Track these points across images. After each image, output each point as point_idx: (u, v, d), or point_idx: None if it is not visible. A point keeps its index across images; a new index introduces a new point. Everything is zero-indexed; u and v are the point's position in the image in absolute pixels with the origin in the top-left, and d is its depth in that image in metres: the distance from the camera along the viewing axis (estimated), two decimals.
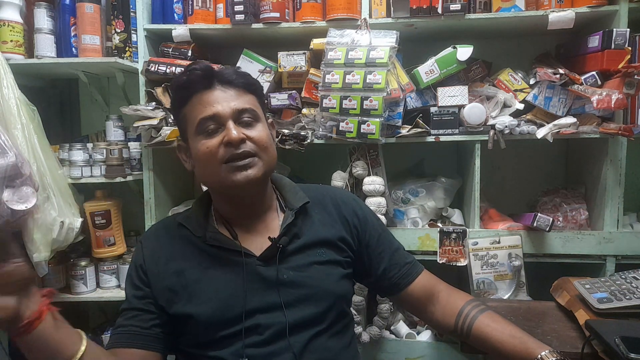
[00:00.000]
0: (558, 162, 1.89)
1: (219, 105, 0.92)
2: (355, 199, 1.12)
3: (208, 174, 0.94)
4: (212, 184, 0.98)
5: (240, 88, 0.95)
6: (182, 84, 0.95)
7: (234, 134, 0.90)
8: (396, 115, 1.54)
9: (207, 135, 0.92)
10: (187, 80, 0.94)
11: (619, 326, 0.96)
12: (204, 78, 0.93)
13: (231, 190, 0.94)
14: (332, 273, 0.99)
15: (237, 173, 0.91)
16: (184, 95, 0.95)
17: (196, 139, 0.93)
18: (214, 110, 0.91)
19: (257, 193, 0.99)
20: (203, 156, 0.92)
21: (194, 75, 0.94)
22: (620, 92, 1.39)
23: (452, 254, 1.56)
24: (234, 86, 0.94)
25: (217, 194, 1.01)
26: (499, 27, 1.67)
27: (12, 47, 1.66)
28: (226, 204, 1.00)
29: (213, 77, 0.94)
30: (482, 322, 0.97)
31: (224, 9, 1.66)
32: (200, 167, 0.95)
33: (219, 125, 0.92)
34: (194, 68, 0.94)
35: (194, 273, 0.94)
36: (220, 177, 0.92)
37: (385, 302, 1.60)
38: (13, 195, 1.40)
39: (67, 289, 1.79)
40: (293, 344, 0.91)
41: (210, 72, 0.94)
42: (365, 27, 1.55)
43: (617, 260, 1.51)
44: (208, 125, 0.92)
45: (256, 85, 1.01)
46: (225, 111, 0.91)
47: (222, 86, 0.94)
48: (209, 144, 0.91)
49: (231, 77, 0.95)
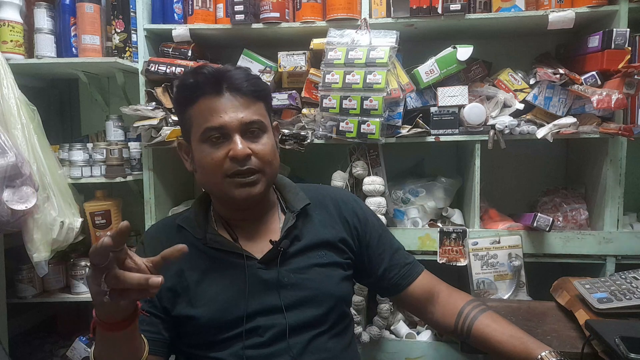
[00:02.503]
0: (558, 162, 1.89)
1: (227, 116, 0.89)
2: (356, 200, 1.12)
3: (210, 183, 0.94)
4: (213, 192, 0.98)
5: (249, 96, 0.92)
6: (189, 85, 0.92)
7: (239, 150, 0.88)
8: (396, 115, 1.54)
9: (212, 145, 0.90)
10: (194, 82, 0.92)
11: (619, 326, 0.96)
12: (212, 83, 0.90)
13: (231, 201, 0.94)
14: (332, 275, 0.99)
15: (240, 189, 0.91)
16: (190, 97, 0.92)
17: (201, 146, 0.91)
18: (221, 122, 0.89)
19: (257, 201, 0.98)
20: (207, 165, 0.91)
21: (202, 78, 0.91)
22: (620, 92, 1.39)
23: (452, 254, 1.56)
24: (243, 94, 0.91)
25: (217, 198, 1.00)
26: (499, 27, 1.67)
27: (12, 47, 1.66)
28: (226, 208, 1.00)
29: (222, 82, 0.91)
30: (482, 322, 0.97)
31: (224, 9, 1.66)
32: (203, 175, 0.94)
33: (225, 136, 0.90)
34: (203, 71, 0.92)
35: (195, 275, 0.94)
36: (223, 189, 0.92)
37: (385, 302, 1.60)
38: (13, 195, 1.41)
39: (67, 289, 1.79)
40: (292, 345, 0.91)
41: (220, 77, 0.91)
42: (365, 27, 1.55)
43: (617, 260, 1.51)
44: (213, 134, 0.90)
45: (266, 91, 0.98)
46: (233, 123, 0.89)
47: (231, 93, 0.91)
48: (213, 155, 0.90)
49: (241, 83, 0.91)
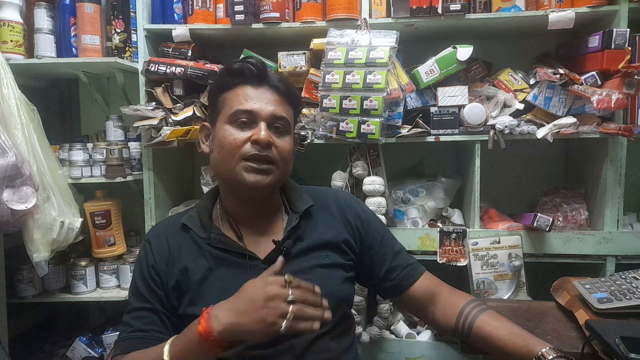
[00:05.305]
0: (558, 162, 1.89)
1: (260, 104, 0.94)
2: (358, 202, 1.13)
3: (224, 163, 0.95)
4: (224, 175, 0.98)
5: (284, 96, 0.98)
6: (234, 70, 0.97)
7: (263, 135, 0.92)
8: (396, 115, 1.54)
9: (238, 127, 0.94)
10: (240, 68, 0.96)
11: (619, 326, 0.96)
12: (257, 74, 0.96)
13: (239, 186, 0.95)
14: (335, 276, 1.00)
15: (252, 174, 0.93)
16: (231, 82, 0.97)
17: (225, 126, 0.95)
18: (253, 107, 0.94)
19: (263, 195, 0.99)
20: (227, 145, 0.94)
21: (248, 67, 0.96)
22: (620, 92, 1.39)
23: (452, 254, 1.56)
24: (279, 92, 0.97)
25: (226, 187, 1.01)
26: (499, 27, 1.67)
27: (12, 47, 1.66)
28: (234, 198, 1.00)
29: (265, 76, 0.97)
30: (482, 320, 0.97)
31: (224, 9, 1.66)
32: (220, 153, 0.96)
33: (252, 122, 0.94)
34: (251, 60, 0.97)
35: (198, 273, 0.95)
36: (235, 170, 0.93)
37: (385, 302, 1.60)
38: (13, 195, 1.40)
39: (67, 289, 1.79)
40: (295, 345, 0.92)
41: (265, 71, 0.97)
42: (365, 27, 1.55)
43: (617, 260, 1.52)
44: (242, 117, 0.94)
45: (298, 100, 1.05)
46: (263, 111, 0.94)
47: (269, 87, 0.96)
48: (237, 135, 0.93)
49: (279, 83, 0.98)
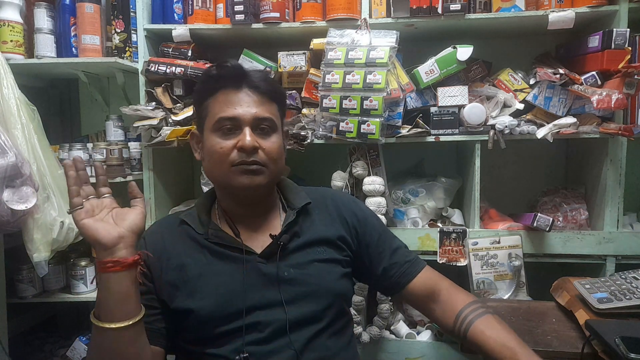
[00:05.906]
0: (558, 162, 1.89)
1: (241, 109, 0.94)
2: (355, 201, 1.14)
3: (216, 171, 0.97)
4: (218, 181, 1.00)
5: (265, 95, 0.97)
6: (212, 77, 0.99)
7: (247, 141, 0.92)
8: (396, 115, 1.54)
9: (222, 135, 0.95)
10: (217, 74, 0.98)
11: (619, 326, 0.96)
12: (234, 77, 0.97)
13: (235, 190, 0.97)
14: (332, 271, 1.00)
15: (245, 176, 0.94)
16: (211, 88, 0.98)
17: (211, 135, 0.96)
18: (235, 113, 0.94)
19: (260, 195, 1.01)
20: (215, 154, 0.95)
21: (225, 71, 0.97)
22: (620, 92, 1.39)
23: (452, 254, 1.56)
24: (260, 92, 0.97)
25: (222, 189, 1.02)
26: (499, 27, 1.67)
27: (12, 47, 1.66)
28: (231, 200, 1.02)
29: (243, 78, 0.97)
30: (477, 327, 0.97)
31: (224, 9, 1.66)
32: (210, 163, 0.97)
33: (236, 128, 0.94)
34: (227, 65, 0.98)
35: (196, 268, 0.95)
36: (228, 177, 0.95)
37: (385, 302, 1.60)
38: (13, 195, 1.40)
39: (67, 289, 1.79)
40: (294, 341, 0.92)
41: (242, 73, 0.97)
42: (365, 27, 1.55)
43: (617, 260, 1.51)
44: (225, 124, 0.94)
45: (281, 94, 1.05)
46: (245, 116, 0.94)
47: (249, 89, 0.96)
48: (223, 144, 0.94)
49: (260, 82, 0.97)
